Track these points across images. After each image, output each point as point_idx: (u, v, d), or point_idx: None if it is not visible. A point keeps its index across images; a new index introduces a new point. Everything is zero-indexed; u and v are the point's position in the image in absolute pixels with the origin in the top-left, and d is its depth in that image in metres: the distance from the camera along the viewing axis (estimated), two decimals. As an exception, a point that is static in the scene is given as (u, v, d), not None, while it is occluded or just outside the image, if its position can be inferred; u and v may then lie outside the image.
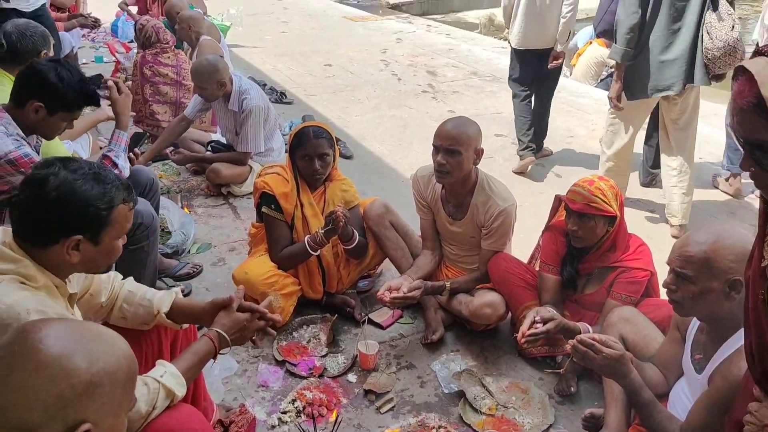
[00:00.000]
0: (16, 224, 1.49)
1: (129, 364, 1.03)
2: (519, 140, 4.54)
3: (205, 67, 3.81)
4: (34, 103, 2.30)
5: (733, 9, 3.34)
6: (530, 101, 4.57)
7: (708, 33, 3.27)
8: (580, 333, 2.12)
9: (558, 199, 2.68)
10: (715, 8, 3.26)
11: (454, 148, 2.51)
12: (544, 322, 2.14)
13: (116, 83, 2.57)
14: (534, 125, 4.53)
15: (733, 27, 3.23)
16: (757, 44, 3.24)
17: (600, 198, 2.36)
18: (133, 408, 1.08)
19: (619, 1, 3.44)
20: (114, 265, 1.91)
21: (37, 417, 0.91)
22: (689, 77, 3.36)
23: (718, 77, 3.39)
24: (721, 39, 3.23)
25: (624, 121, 3.64)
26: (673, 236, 3.65)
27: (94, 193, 1.49)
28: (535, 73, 4.52)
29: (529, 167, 4.52)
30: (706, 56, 3.29)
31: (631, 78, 3.47)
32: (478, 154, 2.59)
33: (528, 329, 2.15)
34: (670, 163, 3.65)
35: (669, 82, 3.39)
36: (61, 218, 1.47)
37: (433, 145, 2.59)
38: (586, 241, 2.44)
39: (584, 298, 2.55)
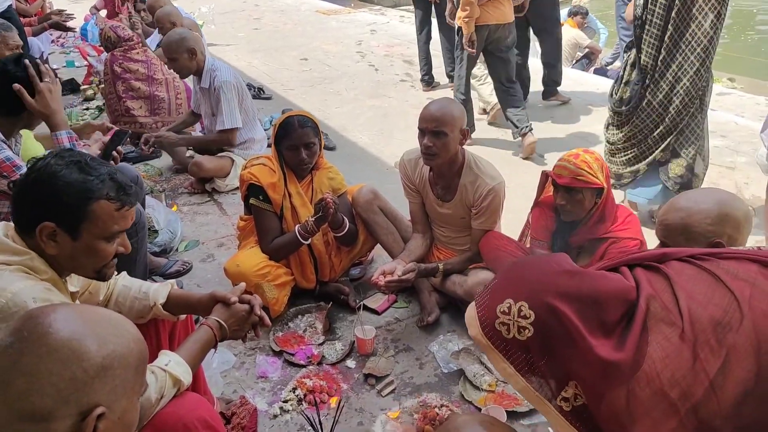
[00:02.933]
0: (11, 212, 1.48)
1: (139, 348, 1.02)
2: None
3: (172, 37, 3.80)
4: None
5: None
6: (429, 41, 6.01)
7: None
8: None
9: (545, 175, 2.69)
10: None
11: (440, 129, 2.51)
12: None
13: (40, 74, 2.30)
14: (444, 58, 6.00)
15: None
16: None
17: (586, 170, 2.37)
18: (144, 393, 1.07)
19: None
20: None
21: (50, 401, 0.89)
22: None
23: (519, 9, 4.74)
24: None
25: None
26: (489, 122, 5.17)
27: (72, 180, 1.43)
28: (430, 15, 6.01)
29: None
30: None
31: None
32: (464, 134, 2.59)
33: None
34: (476, 73, 5.09)
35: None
36: (36, 201, 1.43)
37: (419, 128, 2.59)
38: (575, 214, 2.45)
39: None
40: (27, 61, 2.32)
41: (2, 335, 0.96)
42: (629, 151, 3.48)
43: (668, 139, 3.33)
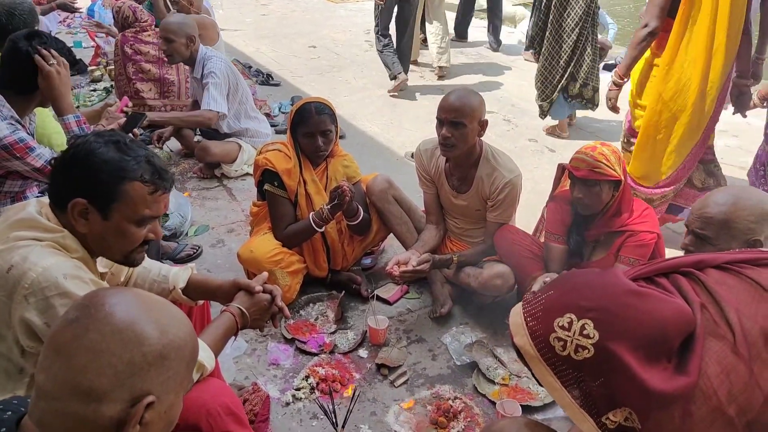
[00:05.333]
0: (48, 187, 1.48)
1: (193, 343, 1.01)
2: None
3: (175, 18, 3.75)
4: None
5: None
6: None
7: None
8: None
9: (561, 168, 2.67)
10: None
11: (459, 120, 2.48)
12: None
13: (44, 58, 2.24)
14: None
15: None
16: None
17: (604, 163, 2.33)
18: (189, 390, 1.06)
19: None
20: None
21: (106, 382, 0.89)
22: None
23: None
24: None
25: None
26: (438, 76, 6.09)
27: (108, 158, 1.41)
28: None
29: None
30: None
31: None
32: (483, 125, 2.57)
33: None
34: (430, 29, 5.94)
35: None
36: (70, 177, 1.42)
37: (437, 118, 2.56)
38: (592, 207, 2.43)
39: (591, 266, 2.56)
40: (35, 44, 2.27)
41: (68, 310, 0.95)
42: (544, 87, 4.55)
43: (569, 69, 4.42)
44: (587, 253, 2.57)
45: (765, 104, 3.34)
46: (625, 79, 3.10)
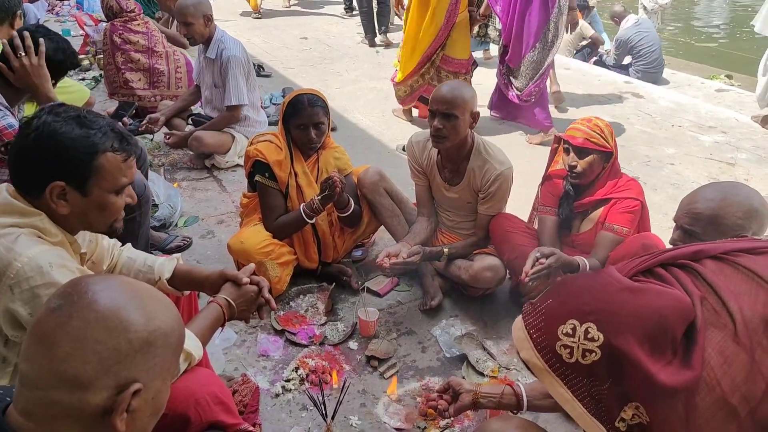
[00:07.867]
0: (10, 174, 1.43)
1: (180, 330, 1.00)
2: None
3: (188, 0, 3.72)
4: None
5: None
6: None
7: None
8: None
9: (557, 139, 2.68)
10: None
11: (451, 112, 2.47)
12: (546, 257, 2.25)
13: (14, 47, 2.23)
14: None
15: None
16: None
17: (598, 134, 2.42)
18: (177, 377, 1.05)
19: None
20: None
21: (91, 369, 0.87)
22: None
23: None
24: None
25: None
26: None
27: (74, 136, 1.38)
28: None
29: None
30: None
31: None
32: (474, 117, 2.56)
33: (531, 267, 2.25)
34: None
35: None
36: (40, 162, 1.38)
37: (429, 109, 2.56)
38: (584, 176, 2.47)
39: (580, 238, 2.59)
40: (4, 40, 2.27)
41: (51, 298, 0.94)
42: None
43: None
44: (576, 225, 2.60)
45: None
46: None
